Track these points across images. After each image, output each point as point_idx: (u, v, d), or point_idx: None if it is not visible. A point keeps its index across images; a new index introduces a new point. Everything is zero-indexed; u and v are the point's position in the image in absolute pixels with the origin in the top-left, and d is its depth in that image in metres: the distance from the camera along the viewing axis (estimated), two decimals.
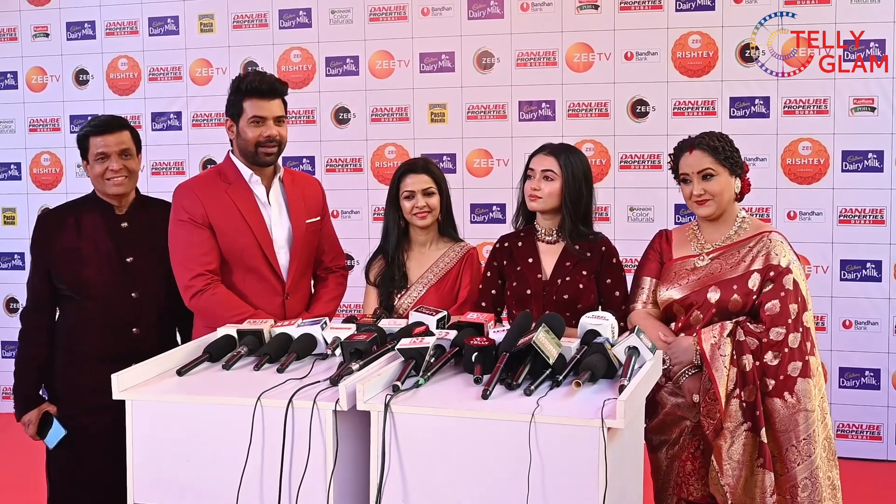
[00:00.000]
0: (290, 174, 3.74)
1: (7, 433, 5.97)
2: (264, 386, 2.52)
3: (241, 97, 3.50)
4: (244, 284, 3.52)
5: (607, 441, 2.22)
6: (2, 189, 6.62)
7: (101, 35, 6.37)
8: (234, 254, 3.51)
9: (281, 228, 3.60)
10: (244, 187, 3.55)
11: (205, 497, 2.51)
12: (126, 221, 3.59)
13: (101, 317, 3.52)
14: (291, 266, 3.59)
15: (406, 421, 2.36)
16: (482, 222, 5.79)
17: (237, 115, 3.51)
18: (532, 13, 5.73)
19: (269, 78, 3.54)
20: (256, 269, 3.53)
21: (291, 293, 3.59)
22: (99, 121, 3.59)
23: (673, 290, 3.34)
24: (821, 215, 5.46)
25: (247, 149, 3.51)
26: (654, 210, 5.62)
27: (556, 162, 3.45)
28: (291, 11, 6.05)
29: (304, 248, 3.63)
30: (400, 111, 5.94)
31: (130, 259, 3.55)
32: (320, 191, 3.83)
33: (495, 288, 3.59)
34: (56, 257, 3.53)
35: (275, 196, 3.62)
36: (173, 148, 6.29)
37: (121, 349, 3.44)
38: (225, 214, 3.50)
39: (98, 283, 3.51)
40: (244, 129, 3.49)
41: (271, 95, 3.50)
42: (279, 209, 3.61)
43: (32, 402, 3.58)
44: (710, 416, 3.16)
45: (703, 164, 3.27)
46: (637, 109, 5.62)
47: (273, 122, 3.50)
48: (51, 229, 3.58)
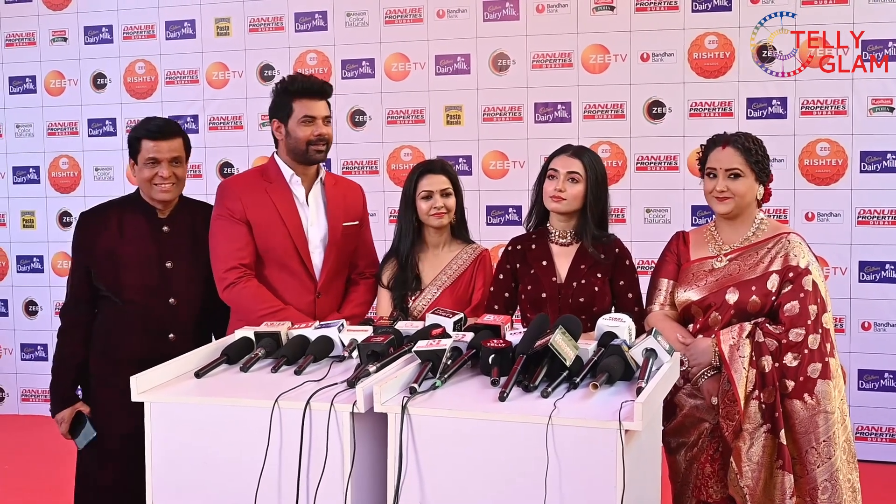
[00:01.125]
0: (332, 178, 3.84)
1: (30, 433, 6.03)
2: (282, 388, 2.53)
3: (291, 98, 3.60)
4: (278, 280, 3.61)
5: (625, 443, 2.21)
6: (21, 192, 6.66)
7: (118, 39, 6.40)
8: (268, 250, 3.61)
9: (317, 229, 3.67)
10: (284, 187, 3.65)
11: (222, 498, 2.51)
12: (168, 225, 3.61)
13: (139, 321, 3.53)
14: (325, 266, 3.66)
15: (423, 423, 2.36)
16: (498, 224, 5.78)
17: (286, 115, 3.61)
18: (547, 15, 5.72)
19: (317, 79, 3.69)
20: (290, 267, 3.62)
21: (323, 292, 3.66)
22: (155, 125, 3.59)
23: (691, 291, 3.33)
24: (839, 216, 5.43)
25: (297, 148, 3.61)
26: (670, 212, 5.61)
27: (582, 164, 3.43)
28: (307, 14, 6.07)
29: (338, 249, 3.70)
30: (416, 113, 5.94)
31: (170, 265, 3.56)
32: (362, 196, 3.91)
33: (508, 291, 3.57)
34: (97, 258, 3.54)
35: (314, 197, 3.70)
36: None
37: (157, 355, 3.40)
38: (263, 212, 3.60)
39: (137, 287, 3.53)
40: (294, 128, 3.59)
41: (320, 96, 3.63)
42: (317, 210, 3.70)
43: (67, 401, 3.59)
44: (730, 417, 3.14)
45: (733, 162, 3.26)
46: (653, 111, 5.61)
47: (322, 121, 3.61)
48: (93, 229, 3.59)
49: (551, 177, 3.47)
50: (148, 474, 2.59)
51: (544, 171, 3.51)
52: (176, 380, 2.72)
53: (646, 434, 2.43)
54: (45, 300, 6.58)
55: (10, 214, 6.68)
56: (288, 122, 3.60)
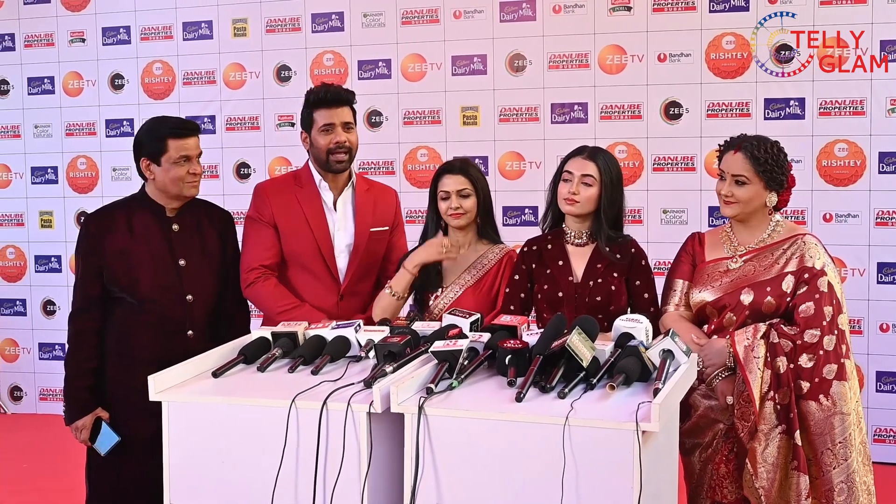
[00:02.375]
0: (366, 183, 3.90)
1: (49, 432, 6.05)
2: (299, 388, 2.53)
3: (311, 109, 3.70)
4: (302, 282, 3.71)
5: (642, 444, 2.21)
6: (39, 193, 6.70)
7: (136, 40, 6.43)
8: (294, 254, 3.71)
9: (344, 233, 3.75)
10: (314, 192, 3.75)
11: (239, 498, 2.53)
12: (177, 223, 3.60)
13: (156, 320, 3.51)
14: (349, 270, 3.73)
15: (440, 423, 2.37)
16: (514, 225, 5.78)
17: (309, 126, 3.71)
18: (564, 15, 5.71)
19: (334, 88, 3.74)
20: (314, 270, 3.71)
21: (346, 295, 3.72)
22: (176, 123, 3.62)
23: (706, 292, 3.32)
24: (857, 217, 5.41)
25: (319, 157, 3.70)
26: (687, 213, 5.59)
27: (596, 167, 3.42)
28: (324, 15, 6.08)
29: (364, 254, 3.75)
30: (432, 114, 5.95)
31: (183, 262, 3.56)
32: (394, 202, 3.94)
33: (524, 292, 3.56)
34: (108, 258, 3.52)
35: (343, 202, 3.77)
36: (207, 152, 6.09)
37: (175, 352, 3.40)
38: (290, 216, 3.71)
39: (152, 285, 3.52)
40: (316, 138, 3.69)
41: (337, 104, 3.68)
42: (345, 215, 3.77)
43: (87, 407, 3.52)
44: (745, 418, 3.14)
45: (739, 169, 3.25)
46: (670, 111, 5.59)
47: (342, 128, 3.67)
48: (101, 230, 3.56)
49: (566, 179, 3.46)
50: (165, 474, 2.60)
51: (559, 173, 3.50)
52: (193, 379, 2.73)
53: (663, 435, 2.43)
54: (63, 300, 6.60)
55: (29, 214, 6.72)
56: (311, 133, 3.70)
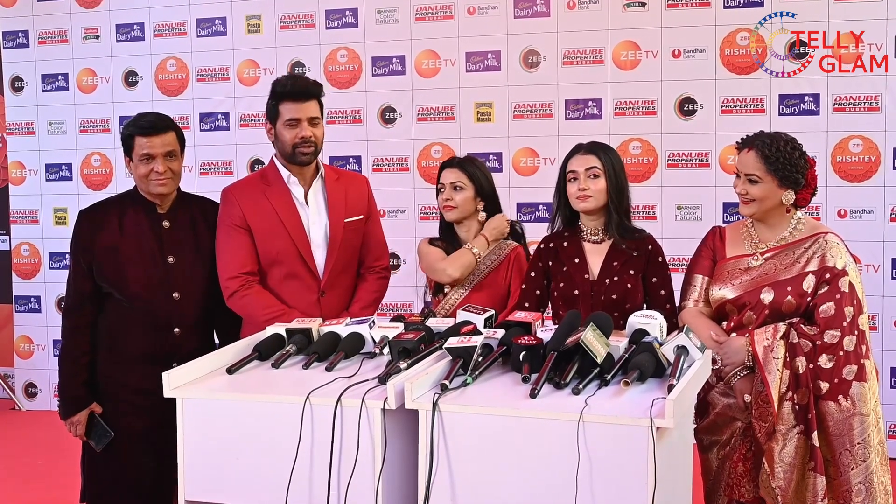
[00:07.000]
0: (335, 173, 3.80)
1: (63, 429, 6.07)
2: (313, 384, 2.54)
3: (277, 101, 3.60)
4: (281, 282, 3.61)
5: (656, 440, 2.20)
6: (53, 189, 6.73)
7: (150, 36, 6.44)
8: (270, 254, 3.60)
9: (318, 228, 3.65)
10: (283, 188, 3.64)
11: (254, 494, 2.53)
12: (168, 220, 3.59)
13: (144, 317, 3.51)
14: (328, 265, 3.64)
15: (454, 420, 2.37)
16: (529, 221, 5.75)
17: (274, 118, 3.63)
18: (578, 11, 5.70)
19: (302, 80, 3.66)
20: (292, 268, 3.61)
21: (327, 290, 3.63)
22: (145, 121, 3.56)
23: (726, 289, 3.30)
24: (872, 213, 5.38)
25: (284, 150, 3.62)
26: (701, 209, 5.57)
27: (598, 159, 3.42)
28: (338, 11, 6.08)
29: (341, 246, 3.65)
30: (446, 110, 5.94)
31: (171, 259, 3.55)
32: (365, 189, 3.84)
33: (540, 288, 3.56)
34: (98, 255, 3.52)
35: (314, 196, 3.68)
36: (221, 148, 6.35)
37: (163, 349, 3.45)
38: (262, 216, 3.60)
39: (140, 283, 3.51)
40: (281, 131, 3.60)
41: (304, 97, 3.58)
42: (317, 209, 3.67)
43: (82, 403, 3.54)
44: (763, 418, 3.12)
45: (750, 167, 3.23)
46: (685, 107, 5.58)
47: (307, 123, 3.58)
48: (92, 226, 3.57)
49: (572, 179, 3.45)
50: (180, 469, 2.61)
51: (563, 176, 3.49)
52: (208, 376, 2.74)
53: (677, 431, 2.42)
54: None
55: (43, 211, 6.75)
56: (276, 125, 3.62)
